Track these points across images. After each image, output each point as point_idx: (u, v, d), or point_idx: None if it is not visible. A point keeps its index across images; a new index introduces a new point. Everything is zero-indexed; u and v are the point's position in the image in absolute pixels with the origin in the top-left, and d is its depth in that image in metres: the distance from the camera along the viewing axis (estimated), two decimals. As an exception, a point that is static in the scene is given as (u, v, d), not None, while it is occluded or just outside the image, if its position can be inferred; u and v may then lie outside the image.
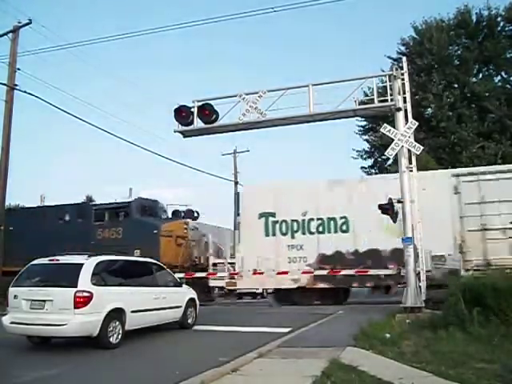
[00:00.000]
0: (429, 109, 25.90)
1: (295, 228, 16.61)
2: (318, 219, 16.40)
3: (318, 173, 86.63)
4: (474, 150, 23.42)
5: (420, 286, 11.37)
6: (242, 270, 16.82)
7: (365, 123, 28.55)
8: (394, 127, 12.05)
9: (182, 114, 12.97)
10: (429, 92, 25.01)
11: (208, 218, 21.97)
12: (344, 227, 16.13)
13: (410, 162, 12.00)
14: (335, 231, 16.26)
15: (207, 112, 12.88)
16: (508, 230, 14.21)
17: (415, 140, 11.99)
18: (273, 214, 16.82)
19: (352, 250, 15.90)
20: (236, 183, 33.60)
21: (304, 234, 16.53)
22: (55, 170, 72.36)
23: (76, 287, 7.81)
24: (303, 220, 16.55)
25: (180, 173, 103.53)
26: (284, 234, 16.72)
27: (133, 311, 8.71)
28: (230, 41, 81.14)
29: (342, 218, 16.13)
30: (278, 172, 71.46)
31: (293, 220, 16.61)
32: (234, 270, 17.19)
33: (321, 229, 16.38)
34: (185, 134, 13.70)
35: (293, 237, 16.58)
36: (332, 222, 16.28)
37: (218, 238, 19.50)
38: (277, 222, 16.75)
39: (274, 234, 16.76)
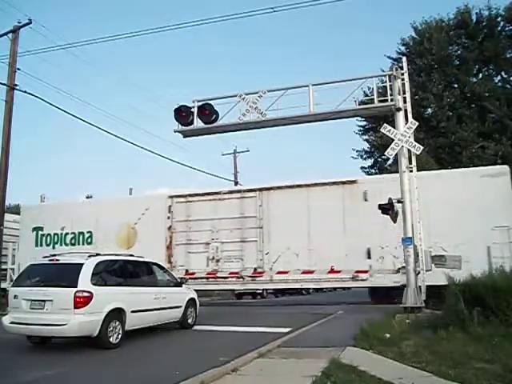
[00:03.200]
0: (429, 109, 25.88)
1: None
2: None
3: (317, 173, 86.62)
4: (474, 150, 23.39)
5: (420, 286, 11.39)
6: None
7: (365, 123, 28.54)
8: (394, 127, 12.06)
9: (182, 114, 12.98)
10: (429, 92, 24.99)
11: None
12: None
13: (410, 162, 12.02)
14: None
15: (207, 112, 12.88)
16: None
17: (415, 140, 12.01)
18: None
19: None
20: (236, 183, 33.59)
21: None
22: (55, 169, 72.38)
23: (76, 287, 7.81)
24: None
25: (180, 173, 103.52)
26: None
27: (133, 311, 8.71)
28: (229, 41, 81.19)
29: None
30: (278, 172, 71.50)
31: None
32: None
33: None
34: (185, 134, 13.72)
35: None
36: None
37: None
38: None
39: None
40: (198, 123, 13.16)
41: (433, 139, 24.58)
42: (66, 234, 18.82)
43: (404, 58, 13.93)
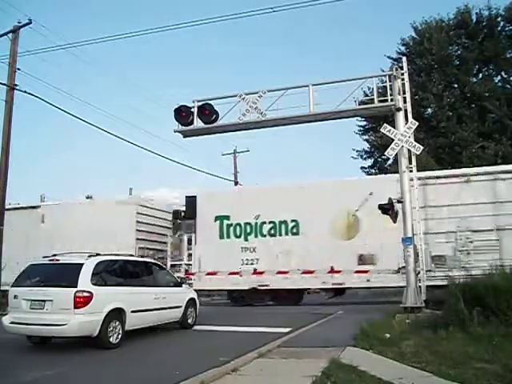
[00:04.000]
0: (429, 109, 25.89)
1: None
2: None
3: (317, 173, 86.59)
4: (474, 150, 23.40)
5: (420, 286, 11.38)
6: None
7: (365, 123, 28.55)
8: (394, 127, 12.06)
9: (182, 114, 12.97)
10: (429, 92, 25.00)
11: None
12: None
13: (410, 162, 12.02)
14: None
15: (207, 112, 12.87)
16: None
17: (415, 140, 12.01)
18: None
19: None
20: (236, 183, 33.59)
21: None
22: (55, 169, 72.37)
23: (76, 287, 7.81)
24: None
25: (180, 173, 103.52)
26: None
27: (133, 311, 8.71)
28: (229, 41, 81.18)
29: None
30: (277, 172, 71.47)
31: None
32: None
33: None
34: (185, 134, 13.71)
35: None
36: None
37: None
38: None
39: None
40: (198, 123, 13.15)
41: (433, 139, 24.58)
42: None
43: (404, 58, 13.93)
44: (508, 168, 15.10)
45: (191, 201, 17.74)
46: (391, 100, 12.22)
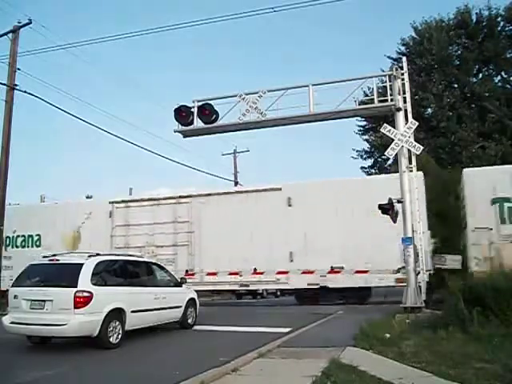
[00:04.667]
0: (429, 109, 25.88)
1: None
2: None
3: (318, 172, 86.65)
4: (474, 150, 23.40)
5: (420, 286, 11.38)
6: None
7: (365, 123, 28.54)
8: (394, 127, 12.06)
9: (182, 114, 12.97)
10: (429, 92, 24.99)
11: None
12: None
13: (410, 162, 12.02)
14: None
15: (207, 112, 12.87)
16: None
17: (415, 140, 12.01)
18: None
19: None
20: (236, 183, 33.59)
21: None
22: (55, 169, 72.38)
23: (76, 287, 7.81)
24: None
25: (180, 173, 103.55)
26: None
27: (133, 311, 8.71)
28: (229, 41, 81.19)
29: None
30: (277, 172, 71.48)
31: None
32: None
33: None
34: (185, 134, 13.71)
35: None
36: None
37: None
38: None
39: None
40: (197, 123, 13.15)
41: (433, 139, 24.57)
42: None
43: (404, 58, 13.94)
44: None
45: None
46: (391, 100, 12.23)
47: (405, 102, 12.16)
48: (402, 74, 12.30)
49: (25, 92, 17.05)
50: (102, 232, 18.29)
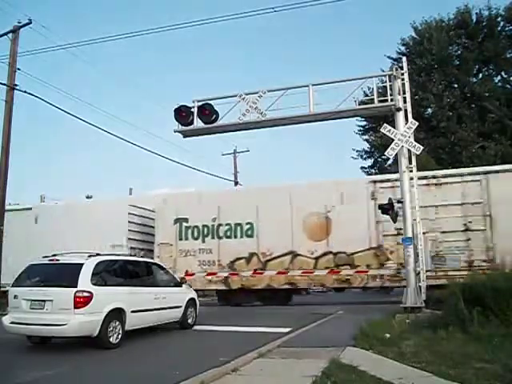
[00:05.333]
0: (429, 109, 25.91)
1: None
2: None
3: (318, 172, 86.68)
4: (474, 150, 23.42)
5: (420, 286, 11.39)
6: None
7: (365, 123, 28.58)
8: (394, 127, 12.06)
9: (182, 114, 12.96)
10: (429, 92, 25.01)
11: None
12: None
13: (410, 162, 12.01)
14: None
15: (207, 112, 12.86)
16: None
17: (415, 140, 12.00)
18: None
19: None
20: (236, 183, 33.58)
21: None
22: (55, 169, 72.41)
23: (76, 287, 7.81)
24: None
25: (180, 173, 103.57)
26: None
27: (133, 311, 8.71)
28: (229, 41, 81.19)
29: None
30: (277, 172, 71.52)
31: None
32: None
33: None
34: (185, 134, 13.70)
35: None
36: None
37: None
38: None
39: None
40: (197, 123, 13.14)
41: (433, 139, 24.60)
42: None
43: (404, 58, 13.91)
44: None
45: None
46: (391, 100, 12.22)
47: (405, 101, 12.15)
48: (402, 74, 12.29)
49: (25, 92, 17.06)
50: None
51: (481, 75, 26.78)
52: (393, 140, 11.87)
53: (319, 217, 16.39)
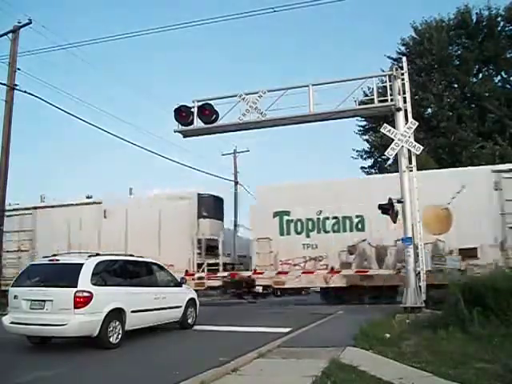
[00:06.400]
0: (429, 109, 25.91)
1: None
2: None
3: (317, 172, 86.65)
4: (474, 150, 23.41)
5: (420, 286, 11.39)
6: None
7: (365, 123, 28.57)
8: (394, 127, 12.06)
9: (182, 114, 12.97)
10: (429, 92, 25.01)
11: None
12: None
13: (410, 162, 12.01)
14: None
15: (207, 112, 12.87)
16: None
17: (415, 140, 12.01)
18: None
19: None
20: (236, 183, 33.59)
21: None
22: (55, 169, 72.41)
23: (76, 287, 7.80)
24: None
25: (180, 173, 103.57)
26: None
27: (133, 311, 8.70)
28: (229, 41, 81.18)
29: None
30: (277, 172, 71.52)
31: None
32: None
33: None
34: (185, 134, 13.71)
35: None
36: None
37: None
38: None
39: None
40: (197, 123, 13.15)
41: (433, 139, 24.60)
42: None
43: (404, 58, 13.93)
44: None
45: None
46: (391, 100, 12.22)
47: (405, 101, 12.16)
48: (402, 74, 12.29)
49: (25, 92, 17.07)
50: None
51: (481, 75, 26.78)
52: (393, 140, 11.87)
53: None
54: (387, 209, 11.80)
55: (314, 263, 16.74)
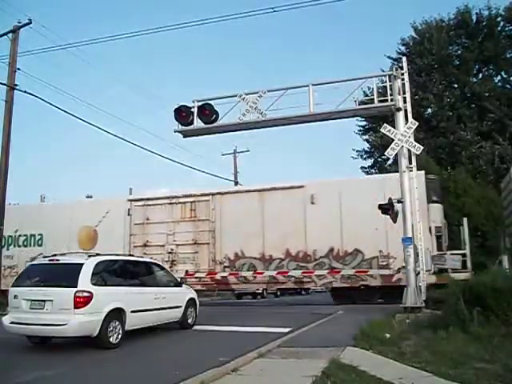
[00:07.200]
0: (429, 109, 25.89)
1: None
2: None
3: (318, 172, 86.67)
4: (474, 150, 23.41)
5: (420, 286, 11.39)
6: None
7: (365, 123, 28.54)
8: (394, 127, 12.05)
9: (182, 114, 12.96)
10: (429, 92, 25.00)
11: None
12: None
13: (410, 162, 12.00)
14: None
15: (207, 112, 12.87)
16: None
17: (415, 140, 12.00)
18: None
19: None
20: (236, 183, 33.58)
21: None
22: (55, 169, 72.42)
23: (76, 287, 7.80)
24: None
25: (180, 173, 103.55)
26: None
27: (133, 311, 8.70)
28: (229, 41, 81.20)
29: None
30: (277, 172, 71.52)
31: None
32: None
33: None
34: (185, 134, 13.70)
35: None
36: None
37: None
38: None
39: None
40: (197, 123, 13.14)
41: (433, 139, 24.59)
42: None
43: (404, 58, 13.92)
44: None
45: None
46: (391, 100, 12.22)
47: (405, 102, 12.16)
48: (402, 74, 12.29)
49: (25, 92, 17.06)
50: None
51: (481, 75, 26.76)
52: (393, 140, 11.87)
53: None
54: (387, 209, 11.79)
55: None
